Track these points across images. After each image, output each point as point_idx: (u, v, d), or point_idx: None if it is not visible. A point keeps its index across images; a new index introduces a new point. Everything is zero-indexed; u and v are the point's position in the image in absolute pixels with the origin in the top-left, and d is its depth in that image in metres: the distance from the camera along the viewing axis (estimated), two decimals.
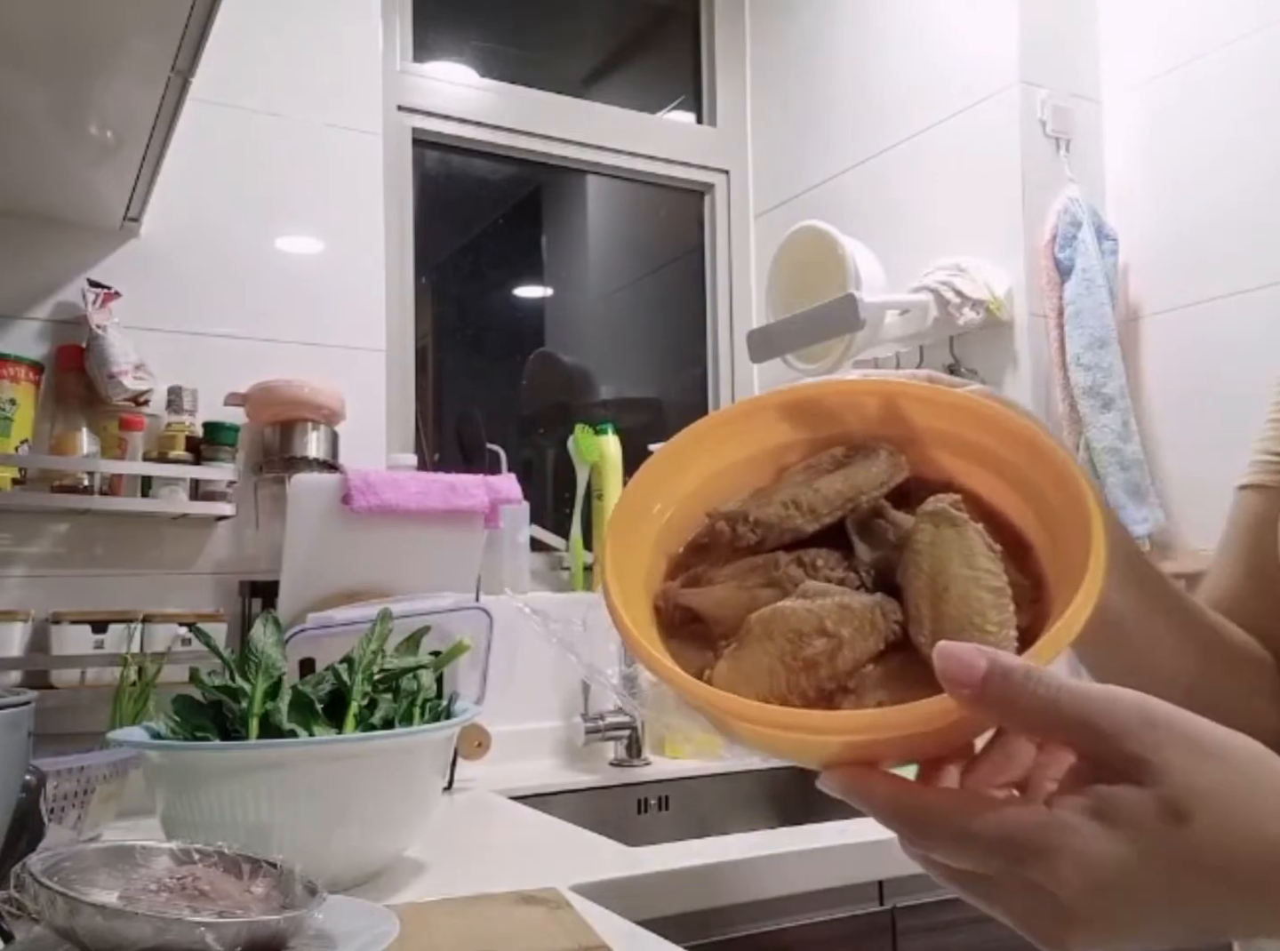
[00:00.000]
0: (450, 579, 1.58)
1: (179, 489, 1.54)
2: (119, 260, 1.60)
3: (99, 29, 1.04)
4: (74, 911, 0.65)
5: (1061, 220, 1.69)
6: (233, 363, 1.64)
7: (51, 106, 1.21)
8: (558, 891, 0.99)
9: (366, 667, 1.08)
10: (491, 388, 2.18)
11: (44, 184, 1.44)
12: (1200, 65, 1.69)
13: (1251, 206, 1.60)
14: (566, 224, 2.32)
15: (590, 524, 1.97)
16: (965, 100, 1.79)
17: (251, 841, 0.79)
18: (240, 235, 1.69)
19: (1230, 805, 0.38)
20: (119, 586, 1.53)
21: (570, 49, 2.30)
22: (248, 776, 0.96)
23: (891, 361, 1.81)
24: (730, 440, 0.55)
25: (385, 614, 1.14)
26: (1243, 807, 0.38)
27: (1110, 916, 0.38)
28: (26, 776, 0.84)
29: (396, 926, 0.76)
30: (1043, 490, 0.46)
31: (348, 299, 1.76)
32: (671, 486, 0.53)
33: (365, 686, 1.07)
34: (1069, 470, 0.45)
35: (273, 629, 1.09)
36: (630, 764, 1.77)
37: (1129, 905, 0.38)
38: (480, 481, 1.64)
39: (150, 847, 0.78)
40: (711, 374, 2.27)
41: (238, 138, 1.69)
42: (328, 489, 1.54)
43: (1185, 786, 0.38)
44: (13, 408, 1.45)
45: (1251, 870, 0.38)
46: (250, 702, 1.01)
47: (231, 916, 0.68)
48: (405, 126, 1.96)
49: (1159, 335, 1.73)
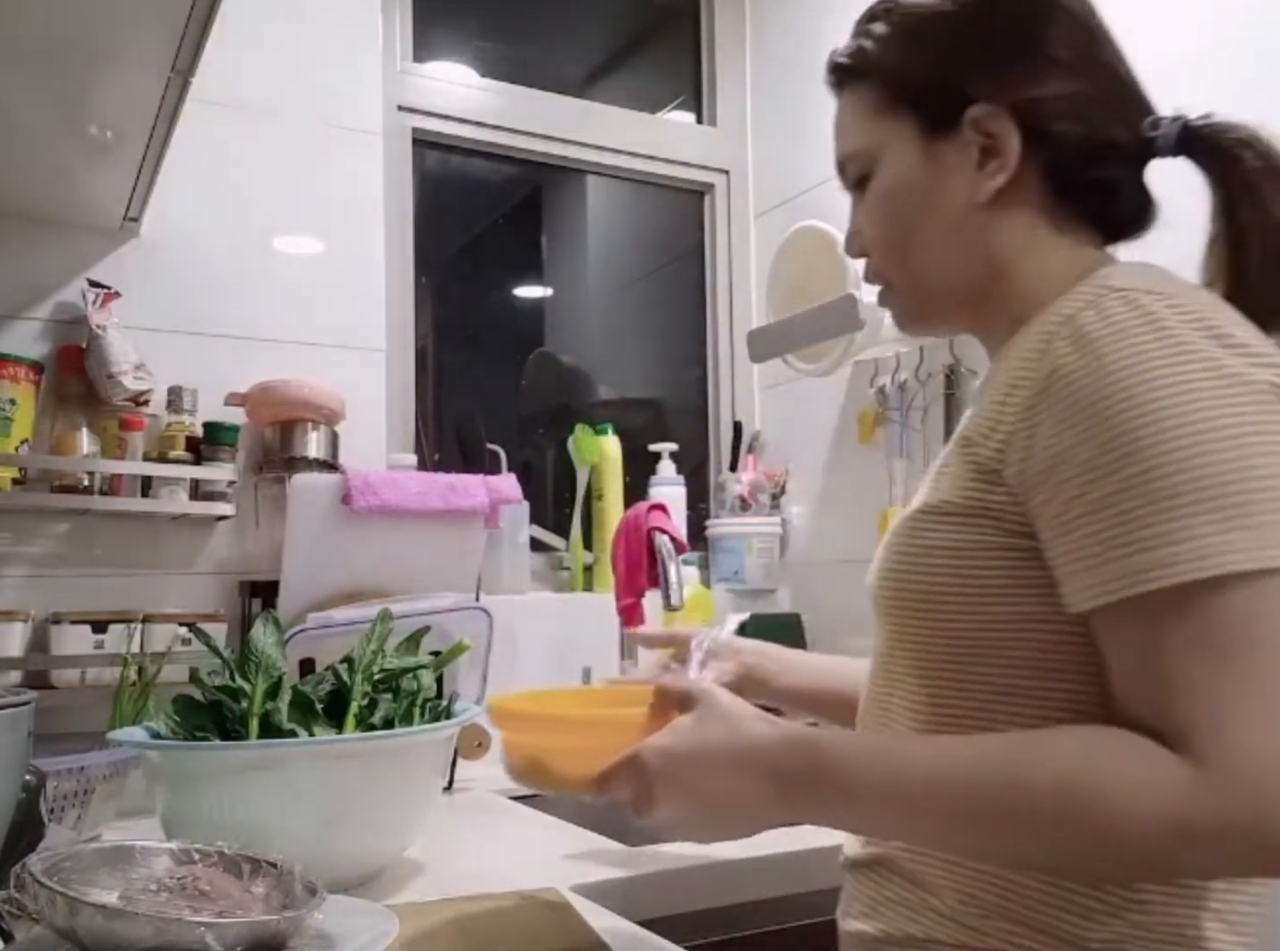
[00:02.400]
0: (450, 579, 1.58)
1: (179, 489, 1.54)
2: (119, 260, 1.60)
3: (99, 29, 1.04)
4: (74, 911, 0.65)
5: None
6: (233, 363, 1.64)
7: (51, 106, 1.21)
8: (558, 891, 0.99)
9: (366, 667, 1.08)
10: (491, 388, 2.18)
11: (44, 184, 1.44)
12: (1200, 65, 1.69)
13: None
14: (566, 224, 2.32)
15: (590, 524, 1.97)
16: None
17: (252, 841, 0.79)
18: (240, 235, 1.69)
19: (731, 713, 0.72)
20: (119, 586, 1.53)
21: (570, 49, 2.30)
22: (248, 776, 0.96)
23: (892, 361, 1.81)
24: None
25: (385, 614, 1.13)
26: (736, 712, 0.72)
27: (675, 776, 0.70)
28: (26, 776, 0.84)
29: (396, 926, 0.76)
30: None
31: (348, 299, 1.76)
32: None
33: (365, 686, 1.07)
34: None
35: (273, 629, 1.08)
36: None
37: (687, 770, 0.70)
38: (480, 481, 1.64)
39: (150, 847, 0.78)
40: (711, 374, 2.27)
41: (238, 138, 1.69)
42: (328, 489, 1.54)
43: (708, 709, 0.72)
44: (13, 408, 1.45)
45: (743, 756, 0.70)
46: (250, 702, 1.01)
47: (231, 916, 0.68)
48: (405, 126, 1.96)
49: None
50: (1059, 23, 0.77)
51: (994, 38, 0.77)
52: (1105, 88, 0.78)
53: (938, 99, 0.78)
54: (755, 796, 0.69)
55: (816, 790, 0.68)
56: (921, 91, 0.78)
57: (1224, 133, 0.78)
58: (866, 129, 0.81)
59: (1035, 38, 0.77)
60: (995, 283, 0.78)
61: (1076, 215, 0.78)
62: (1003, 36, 0.77)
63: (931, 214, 0.78)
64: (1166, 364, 0.62)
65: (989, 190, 0.76)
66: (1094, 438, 0.63)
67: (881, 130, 0.80)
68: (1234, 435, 0.60)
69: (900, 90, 0.79)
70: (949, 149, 0.77)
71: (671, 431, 2.16)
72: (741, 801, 0.70)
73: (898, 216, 0.80)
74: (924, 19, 0.79)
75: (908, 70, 0.79)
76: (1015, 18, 0.77)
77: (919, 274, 0.81)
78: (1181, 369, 0.62)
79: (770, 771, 0.69)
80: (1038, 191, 0.77)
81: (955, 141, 0.77)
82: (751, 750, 0.70)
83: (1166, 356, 0.62)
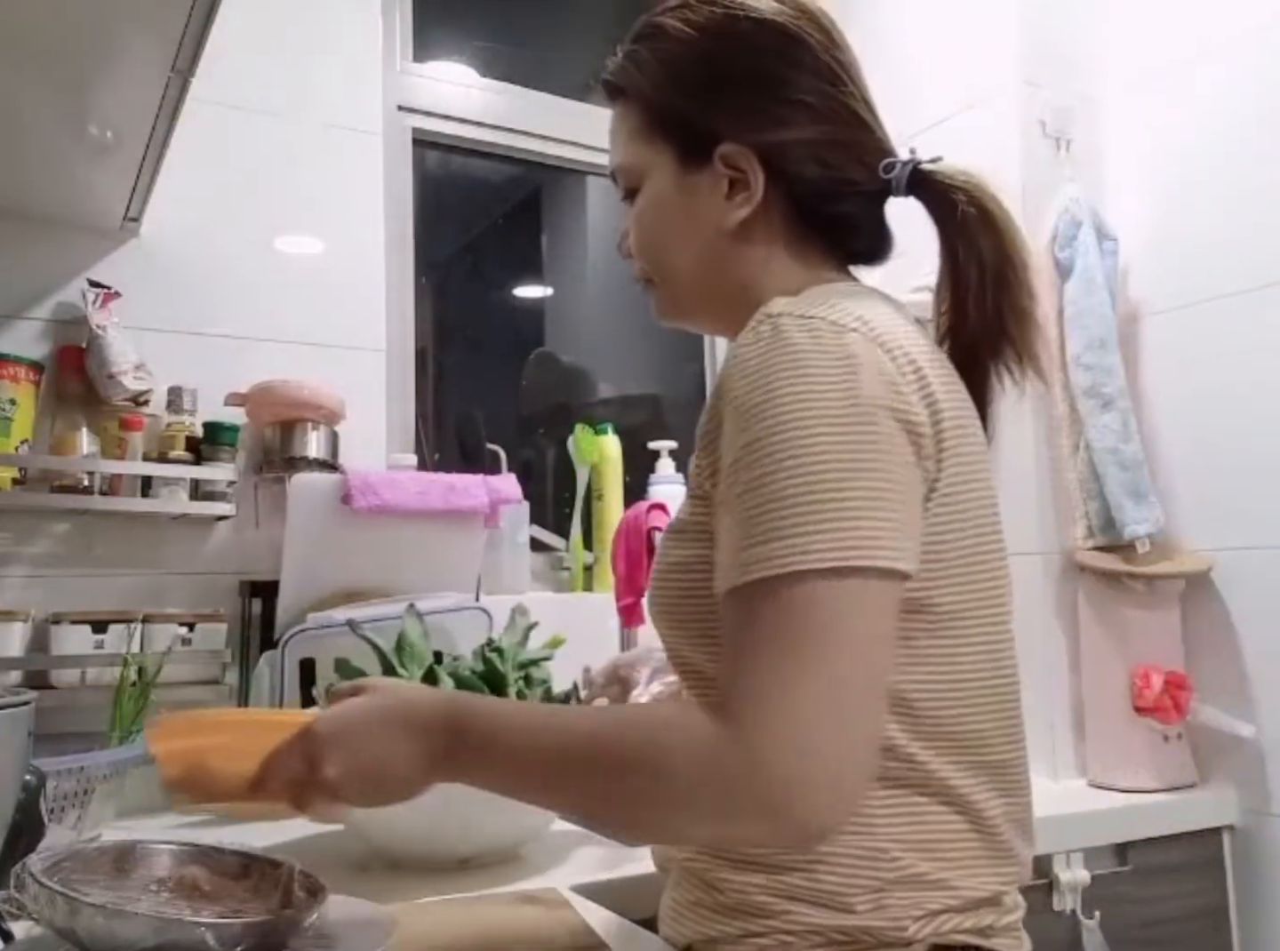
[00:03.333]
0: (450, 579, 1.58)
1: (179, 489, 1.54)
2: (119, 260, 1.60)
3: (99, 29, 1.04)
4: (74, 911, 0.65)
5: (1061, 220, 1.69)
6: (233, 363, 1.64)
7: (51, 106, 1.21)
8: (558, 891, 0.99)
9: (514, 657, 1.16)
10: (491, 388, 2.18)
11: (44, 184, 1.44)
12: (1200, 65, 1.69)
13: (1251, 207, 1.60)
14: (566, 224, 2.32)
15: (590, 524, 1.97)
16: (965, 100, 1.79)
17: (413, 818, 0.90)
18: (240, 235, 1.69)
19: (400, 687, 0.83)
20: (119, 586, 1.53)
21: (570, 49, 2.30)
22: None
23: None
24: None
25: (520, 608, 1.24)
26: (405, 687, 0.84)
27: (340, 738, 0.73)
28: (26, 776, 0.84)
29: (396, 926, 0.76)
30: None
31: (348, 299, 1.76)
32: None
33: (514, 673, 1.15)
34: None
35: (416, 621, 1.18)
36: None
37: (353, 730, 0.73)
38: (480, 481, 1.64)
39: (150, 847, 0.78)
40: (710, 372, 2.27)
41: (238, 138, 1.69)
42: (328, 489, 1.54)
43: (377, 688, 0.78)
44: (13, 408, 1.45)
45: (399, 716, 0.73)
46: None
47: (231, 916, 0.68)
48: (405, 126, 1.96)
49: (1159, 335, 1.73)
50: (802, 65, 0.83)
51: (742, 80, 0.84)
52: (845, 130, 0.84)
53: (691, 133, 0.84)
54: (408, 753, 0.72)
55: (456, 747, 0.72)
56: (677, 124, 0.85)
57: (946, 178, 0.84)
58: (631, 148, 0.88)
59: (780, 81, 0.83)
60: (740, 299, 0.84)
61: (816, 244, 0.86)
62: (751, 79, 0.83)
63: (685, 234, 0.86)
64: (788, 379, 0.68)
65: (735, 220, 0.83)
66: (734, 443, 0.70)
67: (645, 151, 0.86)
68: (823, 449, 0.66)
69: (659, 119, 0.85)
70: (701, 178, 0.84)
71: (670, 428, 2.16)
72: (395, 758, 0.73)
73: (656, 230, 0.88)
74: (681, 55, 0.85)
75: (665, 102, 0.85)
76: (761, 59, 0.83)
77: (672, 280, 0.89)
78: (799, 386, 0.68)
79: (420, 729, 0.73)
80: (781, 222, 0.84)
81: (707, 172, 0.84)
82: (407, 710, 0.74)
83: (790, 373, 0.69)
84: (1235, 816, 1.57)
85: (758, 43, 0.83)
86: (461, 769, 0.73)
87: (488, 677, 1.16)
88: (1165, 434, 1.70)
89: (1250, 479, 1.58)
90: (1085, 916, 1.38)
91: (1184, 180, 1.70)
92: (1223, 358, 1.63)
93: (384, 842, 1.12)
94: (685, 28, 0.84)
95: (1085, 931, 1.38)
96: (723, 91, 0.84)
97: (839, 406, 0.68)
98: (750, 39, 0.83)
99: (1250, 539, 1.58)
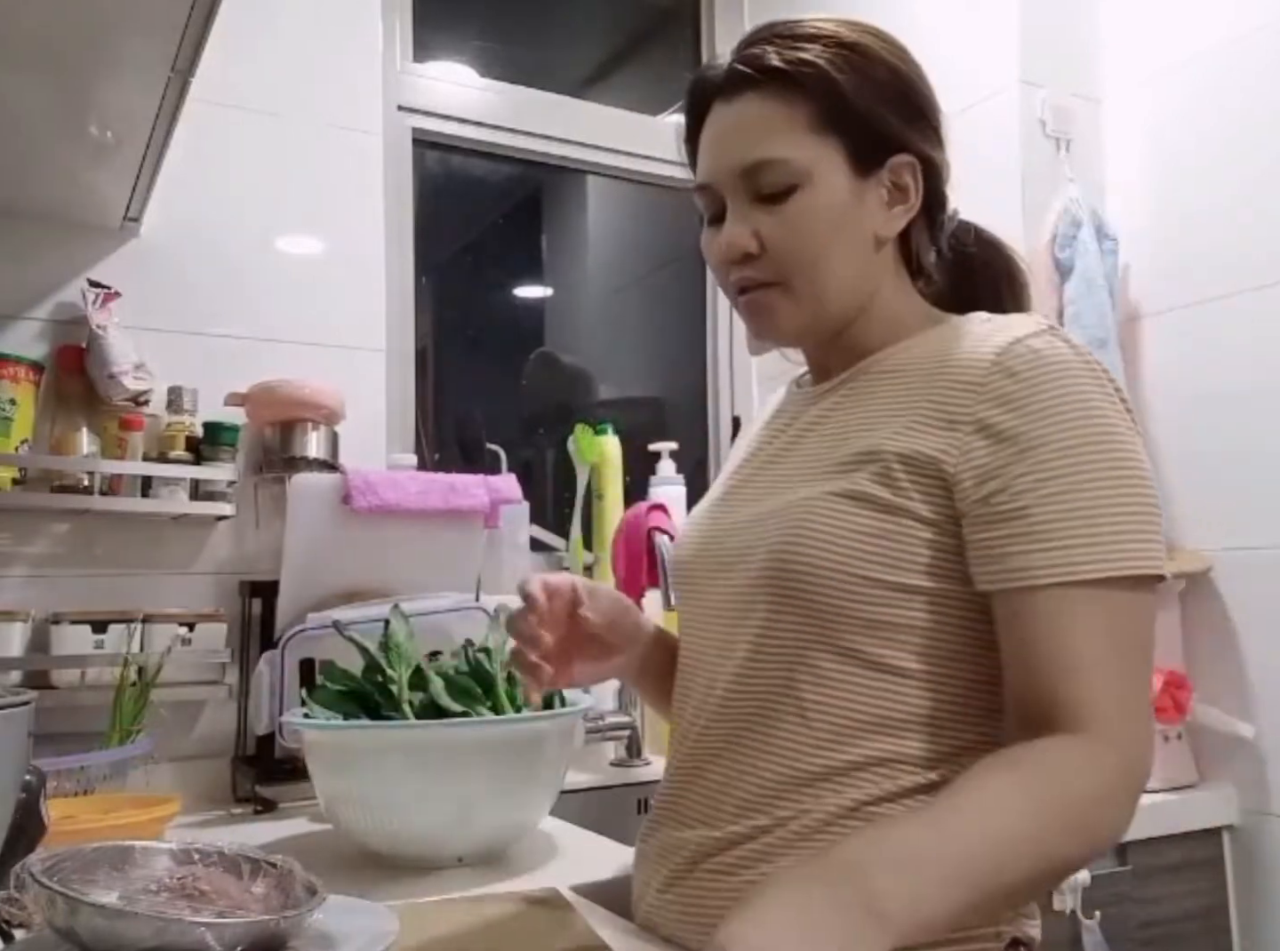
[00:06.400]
0: (450, 579, 1.58)
1: (179, 489, 1.54)
2: (119, 260, 1.60)
3: (99, 29, 1.04)
4: (74, 911, 0.65)
5: (1061, 220, 1.69)
6: (233, 363, 1.64)
7: (51, 106, 1.21)
8: (558, 891, 0.99)
9: (501, 657, 1.18)
10: (491, 388, 2.18)
11: (44, 184, 1.44)
12: (1201, 65, 1.69)
13: (1251, 207, 1.60)
14: (566, 224, 2.32)
15: (590, 524, 1.97)
16: (965, 100, 1.79)
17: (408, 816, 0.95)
18: (240, 235, 1.69)
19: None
20: (119, 586, 1.53)
21: (570, 49, 2.30)
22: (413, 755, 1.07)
23: None
24: None
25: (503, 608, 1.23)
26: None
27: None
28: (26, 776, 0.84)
29: (396, 926, 0.76)
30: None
31: (348, 299, 1.76)
32: None
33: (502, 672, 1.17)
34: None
35: (403, 622, 1.19)
36: (630, 764, 1.77)
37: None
38: (480, 481, 1.63)
39: (150, 847, 0.78)
40: (710, 370, 2.27)
41: (238, 138, 1.69)
42: (328, 489, 1.54)
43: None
44: (13, 408, 1.45)
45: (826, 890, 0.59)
46: (399, 688, 1.13)
47: (231, 916, 0.68)
48: (405, 126, 1.96)
49: (1159, 335, 1.73)
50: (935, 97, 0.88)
51: (923, 94, 0.86)
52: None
53: (872, 136, 0.83)
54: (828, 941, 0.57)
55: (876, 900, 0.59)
56: (860, 123, 0.83)
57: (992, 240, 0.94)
58: (797, 141, 0.82)
59: (936, 105, 0.87)
60: (861, 310, 0.87)
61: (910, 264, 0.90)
62: (926, 97, 0.87)
63: (851, 240, 0.84)
64: (1094, 389, 0.75)
65: (894, 229, 0.86)
66: (1041, 438, 0.73)
67: (814, 146, 0.82)
68: (1137, 458, 0.75)
69: (840, 115, 0.82)
70: (868, 184, 0.84)
71: (671, 429, 2.16)
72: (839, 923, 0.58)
73: (819, 234, 0.83)
74: (870, 59, 0.84)
75: (852, 100, 0.82)
76: (926, 82, 0.87)
77: (820, 287, 0.84)
78: (1107, 401, 0.76)
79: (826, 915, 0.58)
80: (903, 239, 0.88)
81: (873, 179, 0.84)
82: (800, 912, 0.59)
83: (1091, 382, 0.76)
84: (1235, 816, 1.57)
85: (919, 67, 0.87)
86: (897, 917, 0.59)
87: (475, 678, 1.16)
88: (1165, 434, 1.70)
89: (1250, 479, 1.58)
90: (1085, 916, 1.38)
91: (1184, 180, 1.70)
92: (1222, 358, 1.63)
93: (380, 842, 1.11)
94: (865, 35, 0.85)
95: (1085, 931, 1.38)
96: (908, 101, 0.85)
97: (1129, 420, 0.76)
98: (912, 59, 0.87)
99: (1250, 539, 1.58)
